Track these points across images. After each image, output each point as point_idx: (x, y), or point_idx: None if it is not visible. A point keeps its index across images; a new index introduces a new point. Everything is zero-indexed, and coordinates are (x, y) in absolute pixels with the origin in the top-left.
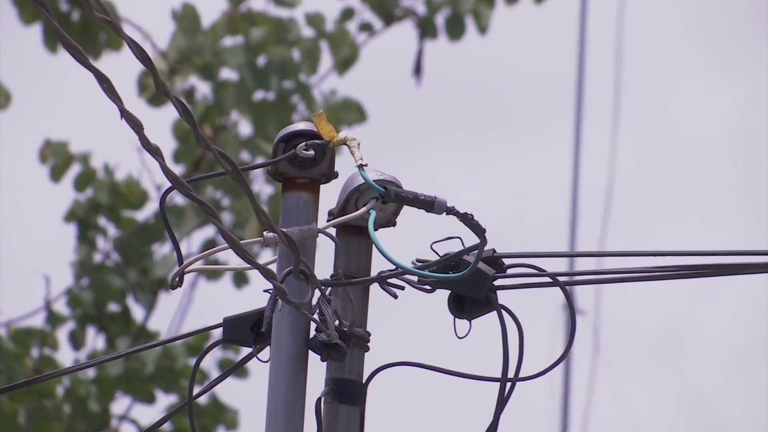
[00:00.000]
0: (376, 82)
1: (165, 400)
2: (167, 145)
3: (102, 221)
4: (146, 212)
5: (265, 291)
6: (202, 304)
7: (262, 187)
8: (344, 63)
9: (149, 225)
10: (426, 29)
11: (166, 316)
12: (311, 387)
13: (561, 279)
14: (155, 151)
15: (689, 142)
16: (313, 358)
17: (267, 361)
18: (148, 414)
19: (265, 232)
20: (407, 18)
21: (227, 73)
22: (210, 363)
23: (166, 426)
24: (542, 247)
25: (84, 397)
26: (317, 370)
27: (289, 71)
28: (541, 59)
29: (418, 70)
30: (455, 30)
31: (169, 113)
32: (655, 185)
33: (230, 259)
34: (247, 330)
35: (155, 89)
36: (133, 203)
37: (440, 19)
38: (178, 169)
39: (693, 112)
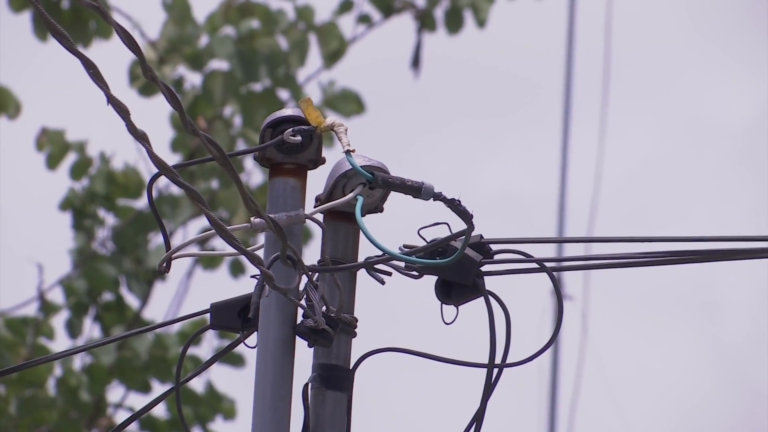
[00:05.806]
0: (374, 74)
1: (161, 389)
2: (165, 134)
3: (98, 210)
4: (144, 201)
5: (253, 277)
6: (199, 293)
7: (250, 177)
8: (332, 56)
9: (145, 214)
10: (425, 22)
11: (162, 306)
12: (298, 373)
13: (548, 265)
14: (142, 137)
15: (690, 129)
16: (300, 343)
17: (254, 347)
18: (144, 402)
19: (252, 218)
20: (406, 10)
21: (216, 64)
22: (207, 352)
23: (164, 414)
24: (536, 231)
25: (75, 387)
26: (304, 355)
27: (277, 62)
28: (535, 47)
29: (416, 62)
30: (454, 23)
31: (165, 103)
32: (658, 172)
33: (225, 247)
34: (234, 316)
35: (143, 74)
36: (131, 192)
37: (439, 12)
38: (175, 158)
39: (692, 99)
